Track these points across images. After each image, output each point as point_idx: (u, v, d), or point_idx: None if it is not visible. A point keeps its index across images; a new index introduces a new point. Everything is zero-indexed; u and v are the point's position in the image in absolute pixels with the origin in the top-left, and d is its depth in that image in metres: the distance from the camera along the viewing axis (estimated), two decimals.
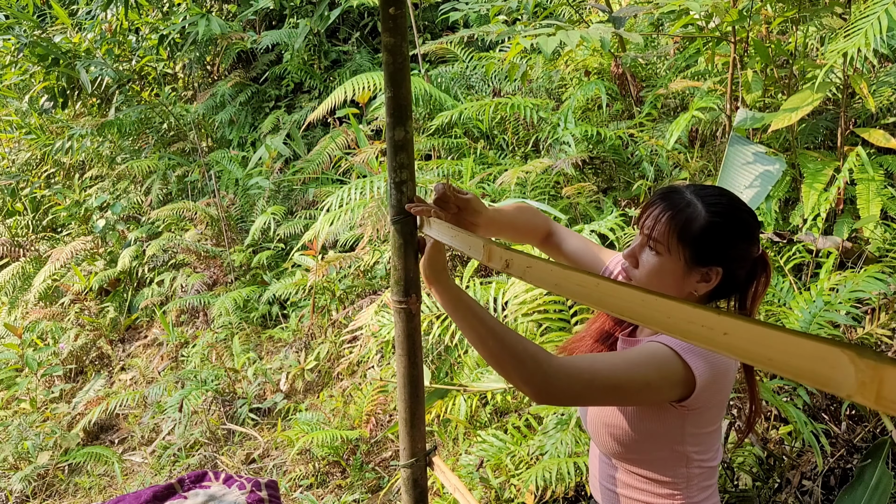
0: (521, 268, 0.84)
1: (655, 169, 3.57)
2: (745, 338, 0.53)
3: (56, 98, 6.95)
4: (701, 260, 1.08)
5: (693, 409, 1.07)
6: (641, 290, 0.63)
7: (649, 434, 1.11)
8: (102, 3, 6.53)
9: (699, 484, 1.15)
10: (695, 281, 1.09)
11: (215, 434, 3.85)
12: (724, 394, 1.10)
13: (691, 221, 1.07)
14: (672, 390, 1.02)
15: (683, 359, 1.01)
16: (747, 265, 1.11)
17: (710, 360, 1.03)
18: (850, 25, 2.53)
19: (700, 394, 1.03)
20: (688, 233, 1.07)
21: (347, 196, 3.74)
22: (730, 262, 1.09)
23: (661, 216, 1.09)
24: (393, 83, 1.11)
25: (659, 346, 1.02)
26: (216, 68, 7.38)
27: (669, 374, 1.00)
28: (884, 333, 2.30)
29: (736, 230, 1.08)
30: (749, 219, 1.10)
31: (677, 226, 1.07)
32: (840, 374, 0.45)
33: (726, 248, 1.08)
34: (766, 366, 0.51)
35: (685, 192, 1.11)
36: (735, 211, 1.09)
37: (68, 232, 6.96)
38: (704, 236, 1.06)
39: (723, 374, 1.06)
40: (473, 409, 2.94)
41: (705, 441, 1.13)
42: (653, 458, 1.13)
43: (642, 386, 0.99)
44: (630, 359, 1.01)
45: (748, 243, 1.10)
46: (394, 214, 1.18)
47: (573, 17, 4.62)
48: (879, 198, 2.70)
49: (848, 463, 2.28)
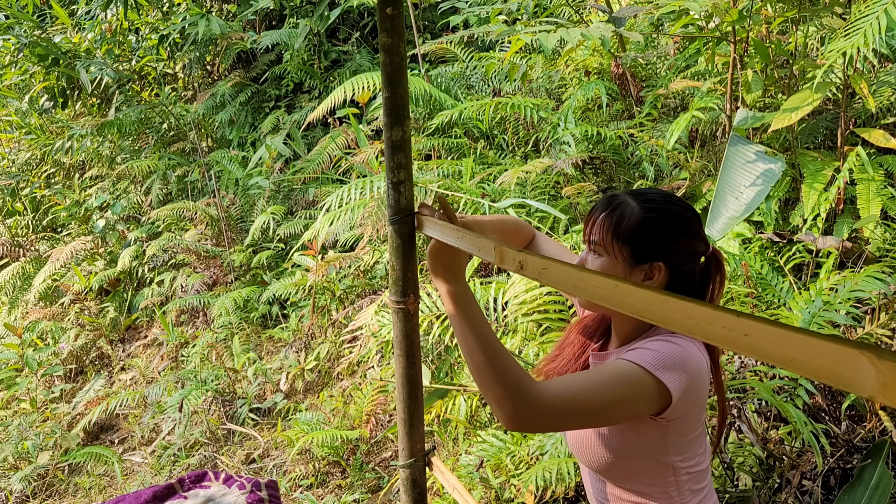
0: (537, 269, 0.83)
1: (655, 169, 3.57)
2: (766, 339, 0.53)
3: (56, 98, 6.95)
4: (640, 257, 1.09)
5: (673, 420, 1.06)
6: (661, 292, 0.63)
7: (631, 450, 1.10)
8: (102, 3, 6.53)
9: (690, 488, 1.14)
10: (639, 280, 1.10)
11: (215, 434, 3.85)
12: (702, 397, 1.09)
13: (625, 219, 1.09)
14: (647, 405, 1.01)
15: (654, 375, 0.99)
16: (693, 260, 1.12)
17: (683, 368, 1.02)
18: (849, 25, 2.52)
19: (678, 404, 1.02)
20: (623, 230, 1.09)
21: (347, 196, 3.74)
22: (671, 257, 1.09)
23: (598, 219, 1.12)
24: (390, 83, 1.11)
25: (628, 365, 1.01)
26: (216, 68, 7.38)
27: (641, 390, 0.99)
28: (884, 333, 2.30)
29: (671, 223, 1.09)
30: (685, 212, 1.11)
31: (612, 225, 1.09)
32: (861, 376, 0.46)
33: (663, 241, 1.09)
34: (787, 366, 0.51)
35: (622, 195, 1.13)
36: (669, 205, 1.10)
37: (68, 232, 6.96)
38: (640, 232, 1.08)
39: (697, 380, 1.04)
40: (473, 409, 2.94)
41: (689, 448, 1.12)
42: (638, 471, 1.13)
43: (615, 406, 0.98)
44: (601, 380, 0.99)
45: (688, 237, 1.10)
46: (392, 215, 1.18)
47: (573, 18, 4.62)
48: (879, 198, 2.70)
49: (848, 463, 2.28)
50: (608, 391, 0.97)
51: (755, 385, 2.28)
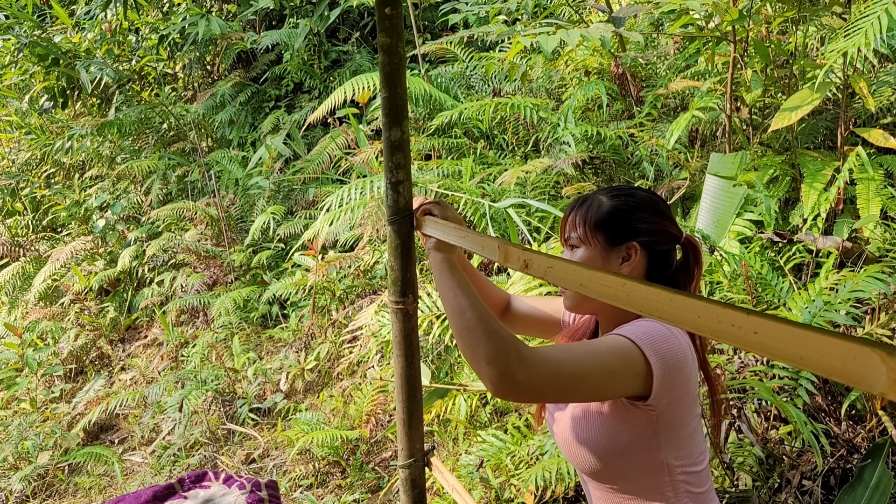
0: (542, 268, 0.83)
1: (655, 169, 3.57)
2: (776, 337, 0.53)
3: (56, 98, 6.95)
4: (615, 239, 1.15)
5: (658, 410, 1.05)
6: (668, 289, 0.63)
7: (621, 446, 1.10)
8: (102, 3, 6.53)
9: (688, 490, 1.12)
10: (617, 263, 1.15)
11: (215, 434, 3.85)
12: (687, 386, 1.08)
13: (596, 209, 1.17)
14: (634, 380, 1.01)
15: (642, 350, 1.01)
16: (666, 240, 1.17)
17: (665, 349, 1.03)
18: (850, 25, 2.52)
19: (660, 388, 1.02)
20: (594, 218, 1.16)
21: (347, 196, 3.74)
22: (644, 235, 1.15)
23: (570, 216, 1.20)
24: (389, 83, 1.11)
25: (620, 338, 1.03)
26: (216, 68, 7.39)
27: (631, 362, 1.00)
28: (884, 333, 2.30)
29: (638, 205, 1.16)
30: (651, 195, 1.19)
31: (584, 215, 1.17)
32: (872, 373, 0.47)
33: (634, 221, 1.15)
34: (797, 364, 0.52)
35: (590, 193, 1.22)
36: (635, 191, 1.19)
37: (68, 232, 6.96)
38: (610, 216, 1.15)
39: (680, 364, 1.05)
40: (473, 409, 2.94)
41: (684, 446, 1.11)
42: (630, 469, 1.11)
43: (606, 377, 0.98)
44: (595, 349, 1.00)
45: (657, 216, 1.17)
46: (391, 215, 1.18)
47: (573, 18, 4.61)
48: (879, 197, 2.70)
49: (848, 463, 2.28)
50: (600, 360, 0.99)
51: (755, 385, 2.27)
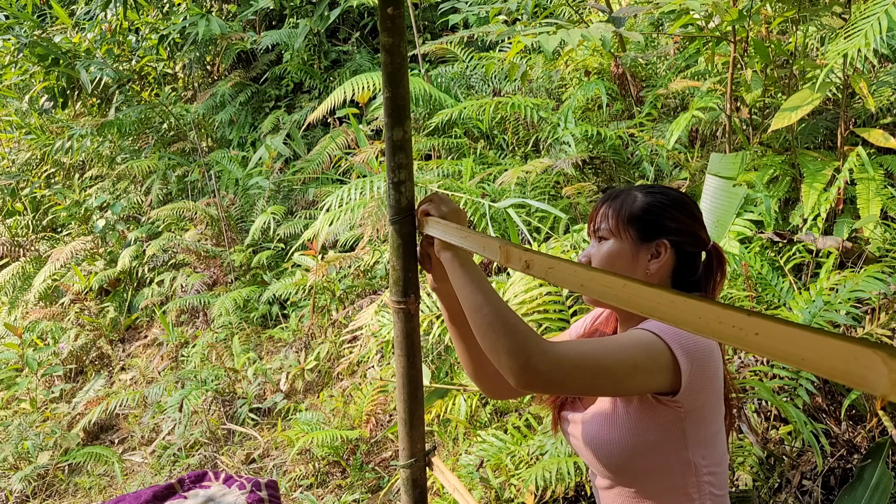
0: (543, 269, 0.82)
1: (655, 169, 3.57)
2: (777, 338, 0.53)
3: (56, 98, 6.95)
4: (646, 236, 1.15)
5: (686, 406, 1.04)
6: (670, 290, 0.63)
7: (648, 445, 1.07)
8: (102, 3, 6.53)
9: (711, 492, 1.10)
10: (646, 259, 1.15)
11: (215, 434, 3.85)
12: (715, 385, 1.07)
13: (630, 203, 1.17)
14: (660, 375, 1.00)
15: (668, 344, 1.00)
16: (695, 243, 1.17)
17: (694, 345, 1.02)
18: (850, 25, 2.52)
19: (688, 383, 1.01)
20: (629, 212, 1.16)
21: (347, 196, 3.73)
22: (675, 235, 1.15)
23: (602, 208, 1.20)
24: (391, 83, 1.11)
25: (644, 332, 1.02)
26: (216, 68, 7.38)
27: (656, 356, 0.99)
28: (884, 333, 2.30)
29: (672, 204, 1.17)
30: (684, 197, 1.19)
31: (618, 209, 1.17)
32: (874, 374, 0.47)
33: (666, 219, 1.15)
34: (799, 365, 0.51)
35: (624, 188, 1.23)
36: (669, 190, 1.19)
37: (68, 232, 6.95)
38: (644, 212, 1.15)
39: (708, 360, 1.04)
40: (473, 409, 2.94)
41: (710, 444, 1.10)
42: (656, 468, 1.08)
43: (630, 369, 0.97)
44: (618, 342, 1.01)
45: (689, 217, 1.17)
46: (392, 214, 1.18)
47: (573, 18, 4.62)
48: (879, 197, 2.70)
49: (848, 463, 2.28)
50: (624, 352, 0.98)
51: (755, 385, 2.28)
